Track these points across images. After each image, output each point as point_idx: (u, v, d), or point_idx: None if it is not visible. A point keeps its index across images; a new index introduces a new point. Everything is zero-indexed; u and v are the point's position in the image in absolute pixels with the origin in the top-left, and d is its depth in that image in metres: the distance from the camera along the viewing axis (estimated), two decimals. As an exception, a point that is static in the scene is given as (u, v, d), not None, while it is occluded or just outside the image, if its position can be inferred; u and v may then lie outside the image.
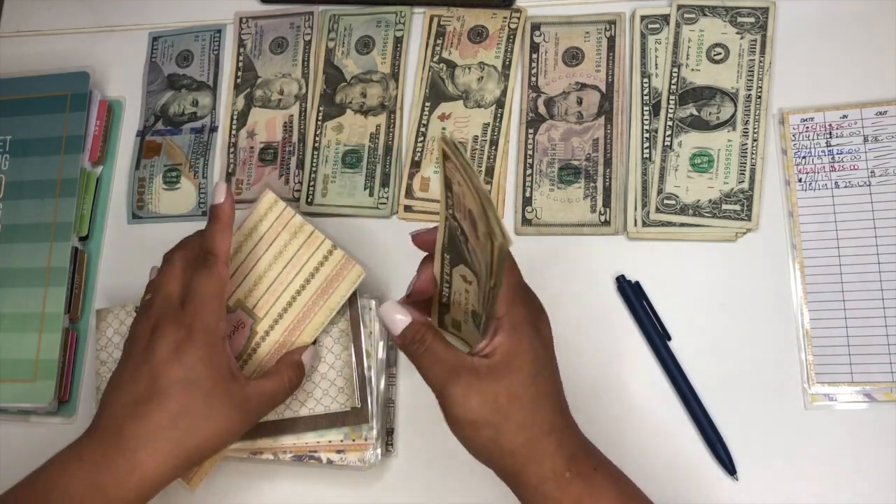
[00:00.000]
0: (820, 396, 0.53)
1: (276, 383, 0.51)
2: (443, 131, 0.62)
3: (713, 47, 0.60)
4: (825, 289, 0.55)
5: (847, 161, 0.56)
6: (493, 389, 0.43)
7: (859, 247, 0.55)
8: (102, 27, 0.71)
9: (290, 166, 0.64)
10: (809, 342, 0.54)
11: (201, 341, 0.47)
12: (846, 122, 0.57)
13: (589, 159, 0.60)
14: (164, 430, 0.46)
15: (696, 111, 0.59)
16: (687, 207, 0.57)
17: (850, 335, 0.54)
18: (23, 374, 0.61)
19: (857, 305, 0.54)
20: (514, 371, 0.43)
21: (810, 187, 0.57)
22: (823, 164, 0.57)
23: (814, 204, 0.56)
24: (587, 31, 0.62)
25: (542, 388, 0.44)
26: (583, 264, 0.58)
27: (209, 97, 0.68)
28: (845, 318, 0.54)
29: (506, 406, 0.43)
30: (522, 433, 0.43)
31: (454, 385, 0.43)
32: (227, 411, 0.47)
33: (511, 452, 0.43)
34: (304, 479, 0.57)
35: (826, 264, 0.55)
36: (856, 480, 0.52)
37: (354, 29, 0.66)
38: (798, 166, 0.57)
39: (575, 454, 0.43)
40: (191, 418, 0.46)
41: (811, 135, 0.57)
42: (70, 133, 0.65)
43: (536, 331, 0.45)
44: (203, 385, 0.47)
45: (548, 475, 0.42)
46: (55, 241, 0.63)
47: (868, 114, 0.57)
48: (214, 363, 0.47)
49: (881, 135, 0.56)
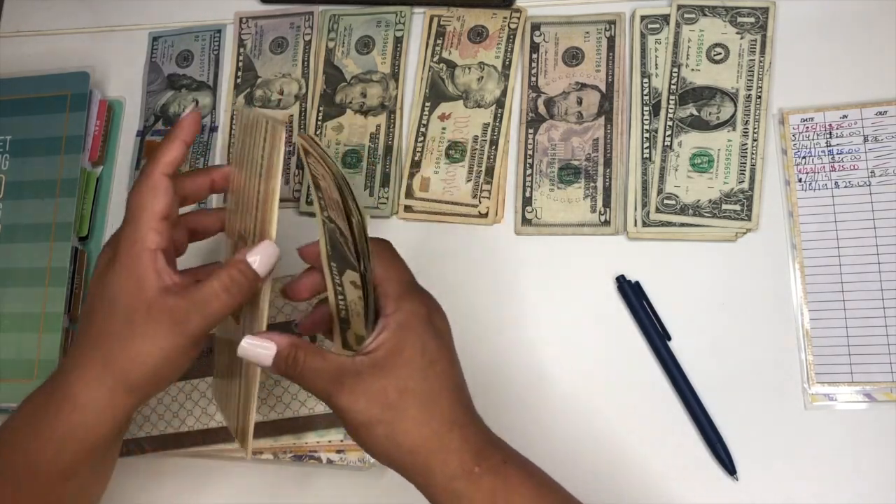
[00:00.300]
0: (820, 396, 0.53)
1: (208, 289, 0.43)
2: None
3: (713, 47, 0.60)
4: (825, 289, 0.55)
5: (847, 161, 0.56)
6: (379, 386, 0.41)
7: (859, 247, 0.55)
8: (102, 27, 0.71)
9: (290, 166, 0.64)
10: (809, 342, 0.54)
11: (124, 256, 0.43)
12: (846, 122, 0.57)
13: (589, 159, 0.60)
14: (89, 353, 0.43)
15: (696, 111, 0.59)
16: (687, 207, 0.57)
17: (850, 335, 0.54)
18: (23, 374, 0.61)
19: (857, 305, 0.54)
20: (402, 365, 0.41)
21: (810, 187, 0.57)
22: (823, 165, 0.57)
23: (814, 204, 0.56)
24: (587, 31, 0.62)
25: (437, 382, 0.42)
26: (583, 264, 0.58)
27: (209, 97, 0.68)
28: (845, 318, 0.54)
29: (396, 401, 0.41)
30: (420, 429, 0.41)
31: (340, 392, 0.41)
32: (152, 328, 0.43)
33: (411, 450, 0.41)
34: (304, 479, 0.57)
35: (826, 264, 0.55)
36: (856, 480, 0.52)
37: (354, 29, 0.66)
38: (798, 166, 0.57)
39: (482, 449, 0.42)
40: (113, 338, 0.43)
41: (811, 135, 0.57)
42: (70, 133, 0.65)
43: (428, 324, 0.43)
44: (122, 302, 0.43)
45: (456, 472, 0.41)
46: (55, 241, 0.63)
47: (868, 114, 0.57)
48: (136, 277, 0.43)
49: (881, 135, 0.56)
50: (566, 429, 0.56)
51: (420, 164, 0.62)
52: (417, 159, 0.62)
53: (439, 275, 0.60)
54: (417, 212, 0.62)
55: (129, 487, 0.59)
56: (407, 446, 0.41)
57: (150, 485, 0.59)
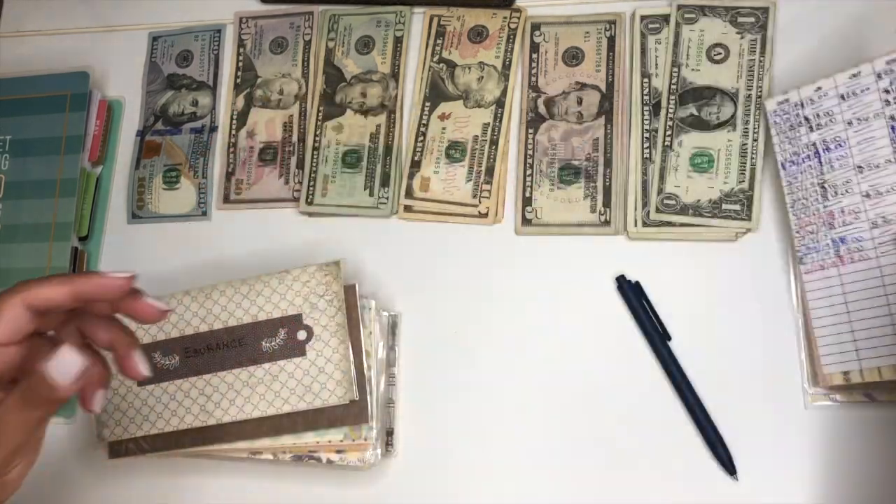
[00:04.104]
0: (820, 396, 0.53)
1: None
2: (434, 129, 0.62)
3: (713, 47, 0.60)
4: (824, 288, 0.55)
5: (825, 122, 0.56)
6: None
7: (858, 242, 0.55)
8: (102, 27, 0.71)
9: (290, 166, 0.64)
10: (810, 343, 0.54)
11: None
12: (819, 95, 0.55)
13: (589, 159, 0.60)
14: None
15: (696, 111, 0.59)
16: (687, 207, 0.57)
17: (855, 333, 0.54)
18: (23, 374, 0.61)
19: (862, 306, 0.54)
20: None
21: (795, 167, 0.56)
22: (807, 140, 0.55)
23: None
24: (587, 31, 0.62)
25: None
26: (583, 264, 0.58)
27: (209, 97, 0.68)
28: (847, 318, 0.54)
29: None
30: None
31: None
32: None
33: None
34: (304, 479, 0.57)
35: (826, 265, 0.55)
36: (856, 480, 0.52)
37: (354, 29, 0.66)
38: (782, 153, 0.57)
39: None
40: None
41: (790, 117, 0.55)
42: (70, 133, 0.65)
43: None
44: None
45: None
46: (55, 241, 0.63)
47: (842, 79, 0.53)
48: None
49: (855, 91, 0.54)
50: (566, 428, 0.56)
51: (420, 164, 0.62)
52: (417, 159, 0.62)
53: (439, 275, 0.60)
54: (417, 212, 0.62)
55: (129, 487, 0.59)
56: None
57: (150, 485, 0.59)
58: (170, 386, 0.57)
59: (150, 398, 0.57)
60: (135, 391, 0.57)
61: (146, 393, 0.57)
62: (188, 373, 0.57)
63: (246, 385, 0.55)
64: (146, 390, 0.57)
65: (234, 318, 0.57)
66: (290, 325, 0.56)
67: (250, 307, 0.56)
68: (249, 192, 0.65)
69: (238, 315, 0.57)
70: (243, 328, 0.56)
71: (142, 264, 0.64)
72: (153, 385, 0.57)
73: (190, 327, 0.57)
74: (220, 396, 0.56)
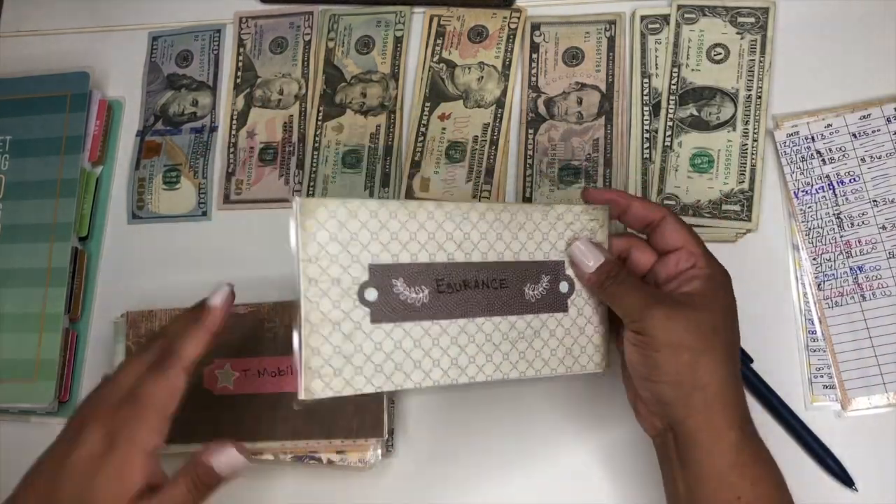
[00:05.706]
0: (820, 396, 0.53)
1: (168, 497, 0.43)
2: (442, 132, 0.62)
3: (713, 47, 0.60)
4: (845, 315, 0.55)
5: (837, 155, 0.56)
6: (695, 317, 0.43)
7: (862, 244, 0.55)
8: (102, 27, 0.71)
9: (290, 166, 0.64)
10: (810, 343, 0.54)
11: (118, 455, 0.42)
12: (830, 131, 0.57)
13: (589, 159, 0.60)
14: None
15: (696, 111, 0.59)
16: (687, 208, 0.57)
17: (871, 343, 0.54)
18: (23, 374, 0.61)
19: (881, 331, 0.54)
20: (717, 309, 0.44)
21: (805, 192, 0.56)
22: (818, 171, 0.56)
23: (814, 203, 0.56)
24: (587, 31, 0.62)
25: (735, 336, 0.45)
26: (583, 264, 0.58)
27: (209, 97, 0.68)
28: (870, 344, 0.54)
29: (709, 335, 0.43)
30: (720, 369, 0.43)
31: (656, 309, 0.43)
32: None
33: (703, 386, 0.42)
34: (305, 480, 0.57)
35: (826, 264, 0.55)
36: (856, 480, 0.52)
37: (354, 29, 0.66)
38: (791, 175, 0.57)
39: (746, 413, 0.44)
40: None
41: (800, 149, 0.57)
42: (70, 133, 0.65)
43: (726, 291, 0.45)
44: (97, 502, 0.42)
45: (734, 422, 0.43)
46: (55, 241, 0.63)
47: (852, 119, 0.57)
48: (123, 480, 0.42)
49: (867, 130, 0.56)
50: (566, 428, 0.56)
51: (420, 164, 0.62)
52: (417, 159, 0.62)
53: (439, 275, 0.60)
54: (417, 212, 0.62)
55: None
56: (702, 381, 0.42)
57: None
58: (414, 328, 0.44)
59: (387, 341, 0.43)
60: (365, 330, 0.43)
61: (381, 334, 0.43)
62: (439, 314, 0.45)
63: (506, 339, 0.46)
64: (382, 330, 0.43)
65: (493, 252, 0.46)
66: (552, 272, 0.48)
67: (511, 242, 0.46)
68: (249, 192, 0.65)
69: (498, 249, 0.46)
70: (506, 267, 0.46)
71: (142, 264, 0.64)
72: (392, 324, 0.43)
73: (442, 252, 0.45)
74: (476, 349, 0.45)
